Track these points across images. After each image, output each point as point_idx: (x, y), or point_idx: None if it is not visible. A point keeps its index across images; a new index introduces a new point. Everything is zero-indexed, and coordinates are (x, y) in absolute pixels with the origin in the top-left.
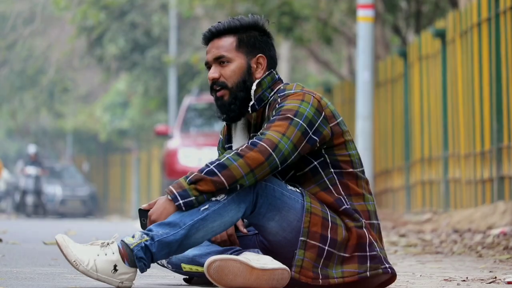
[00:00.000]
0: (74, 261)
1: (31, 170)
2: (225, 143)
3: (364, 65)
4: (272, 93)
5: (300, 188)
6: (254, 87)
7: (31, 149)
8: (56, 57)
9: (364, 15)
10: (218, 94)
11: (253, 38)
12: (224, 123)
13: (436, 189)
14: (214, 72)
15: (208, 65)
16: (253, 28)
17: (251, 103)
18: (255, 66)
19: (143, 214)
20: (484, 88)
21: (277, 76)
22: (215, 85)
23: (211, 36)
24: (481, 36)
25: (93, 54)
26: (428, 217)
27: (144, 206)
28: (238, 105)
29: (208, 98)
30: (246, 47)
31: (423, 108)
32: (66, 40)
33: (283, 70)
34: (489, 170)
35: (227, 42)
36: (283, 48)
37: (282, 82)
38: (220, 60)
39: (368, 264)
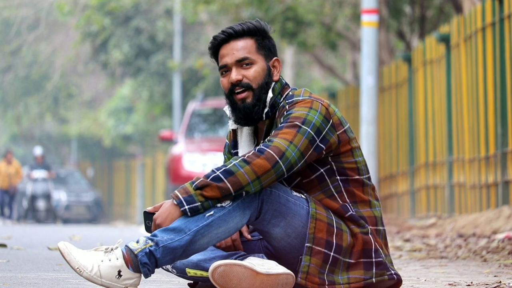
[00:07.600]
0: (78, 268)
1: (39, 173)
2: (231, 148)
3: (368, 70)
4: (282, 98)
5: (305, 194)
6: (270, 94)
7: (37, 151)
8: (60, 62)
9: (369, 20)
10: (241, 96)
11: (268, 41)
12: (230, 128)
13: (440, 194)
14: (237, 74)
15: (226, 68)
16: (264, 32)
17: (266, 110)
18: (273, 69)
19: (148, 217)
20: (489, 92)
21: (284, 81)
22: (237, 87)
23: (229, 38)
24: (486, 40)
25: (97, 59)
26: (433, 222)
27: (149, 209)
28: (262, 107)
29: (212, 103)
30: (264, 49)
31: (427, 113)
32: (71, 46)
33: (287, 75)
34: (494, 174)
35: (248, 44)
36: (287, 54)
37: (289, 87)
38: (243, 62)
39: (374, 270)
